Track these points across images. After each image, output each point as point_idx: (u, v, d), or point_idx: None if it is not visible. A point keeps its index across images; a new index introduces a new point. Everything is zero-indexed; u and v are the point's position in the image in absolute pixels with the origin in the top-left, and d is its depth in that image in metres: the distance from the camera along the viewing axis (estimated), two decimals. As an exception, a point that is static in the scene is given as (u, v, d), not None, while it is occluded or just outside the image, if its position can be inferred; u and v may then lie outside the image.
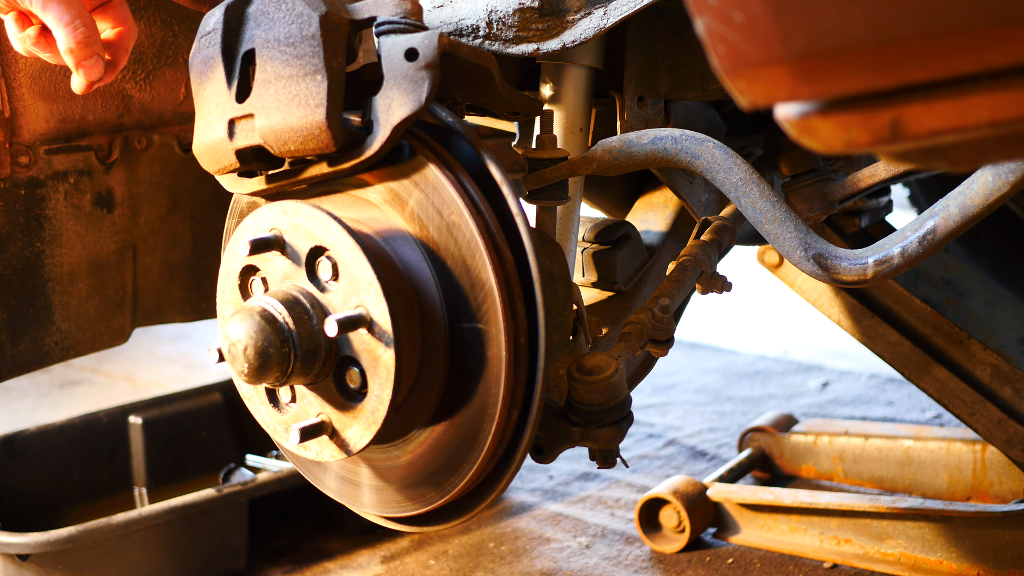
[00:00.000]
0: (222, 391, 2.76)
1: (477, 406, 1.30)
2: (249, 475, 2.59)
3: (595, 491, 2.63)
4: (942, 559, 2.08)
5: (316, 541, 2.43)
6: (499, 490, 1.36)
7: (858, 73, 0.74)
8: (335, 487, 1.50)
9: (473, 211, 1.27)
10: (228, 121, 1.33)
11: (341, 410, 1.31)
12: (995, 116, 0.74)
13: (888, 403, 3.13)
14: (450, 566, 2.28)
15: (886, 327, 2.15)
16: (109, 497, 2.63)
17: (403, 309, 1.28)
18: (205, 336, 4.27)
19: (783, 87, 0.77)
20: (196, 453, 2.70)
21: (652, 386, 3.38)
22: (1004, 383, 2.08)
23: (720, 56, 0.79)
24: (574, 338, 1.50)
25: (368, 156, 1.29)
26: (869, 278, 1.42)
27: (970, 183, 1.35)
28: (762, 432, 2.61)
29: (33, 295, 1.87)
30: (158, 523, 2.17)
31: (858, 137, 0.78)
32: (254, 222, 1.35)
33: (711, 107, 1.84)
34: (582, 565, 2.27)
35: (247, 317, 1.28)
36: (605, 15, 1.48)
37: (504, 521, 2.49)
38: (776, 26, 0.75)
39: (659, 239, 1.86)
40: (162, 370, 3.94)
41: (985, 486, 2.35)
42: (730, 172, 1.43)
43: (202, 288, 2.11)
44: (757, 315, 4.18)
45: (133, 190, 1.97)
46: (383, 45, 1.27)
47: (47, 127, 1.82)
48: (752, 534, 2.28)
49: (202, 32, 1.36)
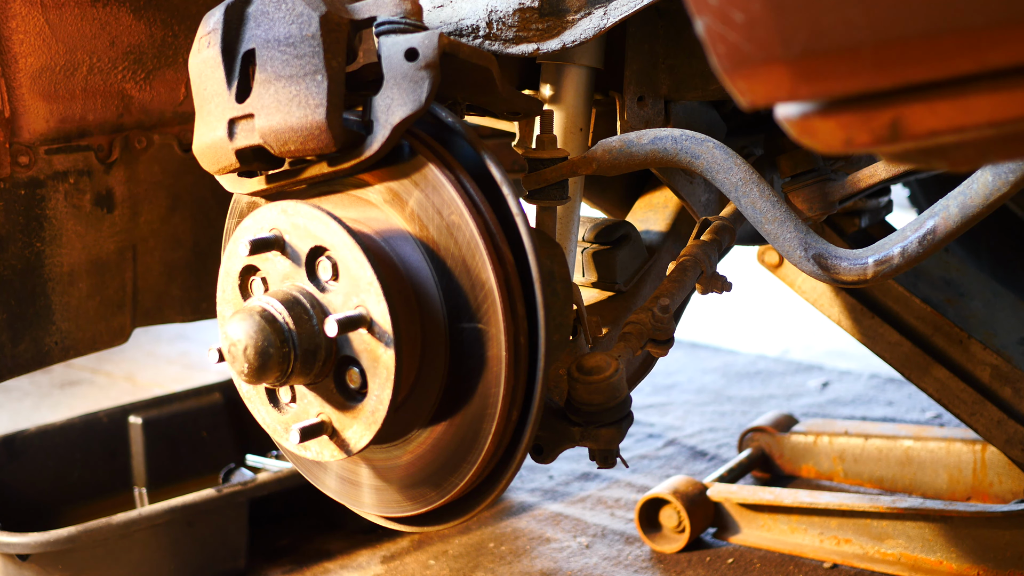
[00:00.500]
0: (222, 391, 2.76)
1: (477, 406, 1.30)
2: (249, 475, 2.59)
3: (595, 491, 2.63)
4: (942, 559, 2.08)
5: (316, 541, 2.43)
6: (499, 490, 1.36)
7: (858, 73, 0.74)
8: (335, 487, 1.50)
9: (473, 211, 1.27)
10: (228, 121, 1.33)
11: (341, 410, 1.31)
12: (995, 116, 0.74)
13: (888, 403, 3.13)
14: (450, 566, 2.28)
15: (886, 327, 2.15)
16: (109, 497, 2.63)
17: (403, 309, 1.28)
18: (205, 336, 4.27)
19: (783, 87, 0.77)
20: (196, 453, 2.69)
21: (652, 386, 3.38)
22: (1004, 383, 2.08)
23: (720, 56, 0.79)
24: (574, 338, 1.50)
25: (368, 156, 1.29)
26: (869, 278, 1.42)
27: (970, 183, 1.35)
28: (762, 432, 2.61)
29: (33, 295, 1.87)
30: (158, 523, 2.17)
31: (858, 137, 0.78)
32: (254, 222, 1.35)
33: (711, 107, 1.84)
34: (582, 565, 2.27)
35: (247, 317, 1.28)
36: (605, 15, 1.48)
37: (504, 521, 2.49)
38: (776, 26, 0.75)
39: (659, 239, 1.86)
40: (162, 370, 3.94)
41: (985, 486, 2.35)
42: (730, 172, 1.43)
43: (202, 288, 2.11)
44: (757, 315, 4.18)
45: (133, 190, 1.97)
46: (383, 45, 1.27)
47: (47, 127, 1.82)
48: (752, 534, 2.28)
49: (202, 32, 1.36)
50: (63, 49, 1.82)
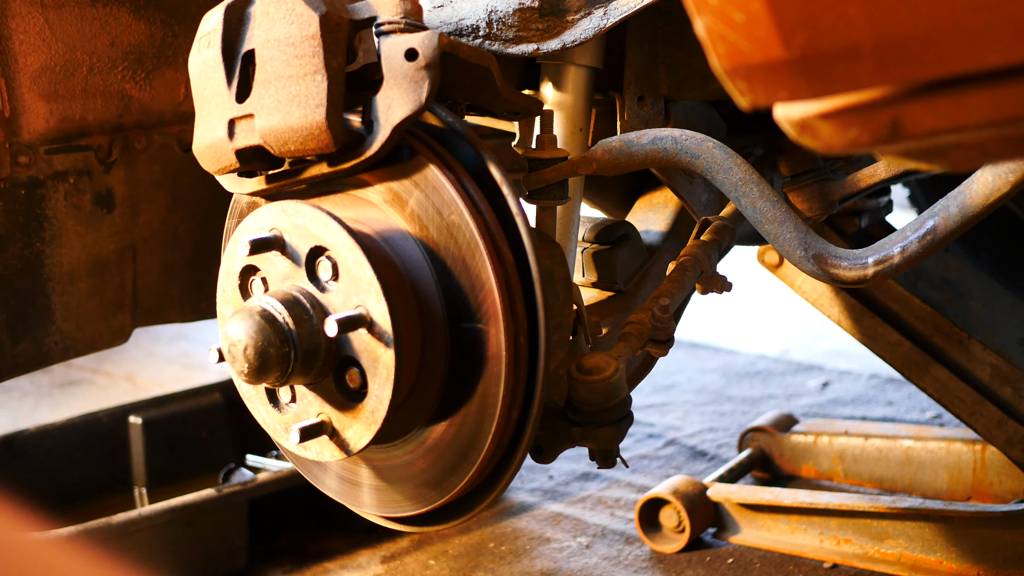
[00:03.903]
0: (222, 391, 2.76)
1: (477, 406, 1.30)
2: (249, 475, 2.58)
3: (595, 491, 2.63)
4: (942, 559, 2.08)
5: (316, 541, 2.43)
6: (499, 490, 1.36)
7: (858, 73, 0.74)
8: (335, 487, 1.50)
9: (473, 211, 1.27)
10: (228, 121, 1.33)
11: (341, 410, 1.31)
12: (995, 116, 0.74)
13: (888, 403, 3.13)
14: (450, 566, 2.28)
15: (886, 327, 2.15)
16: (109, 497, 2.63)
17: (403, 309, 1.28)
18: (205, 336, 4.27)
19: (783, 87, 0.77)
20: (196, 453, 2.69)
21: (652, 386, 3.38)
22: (1004, 383, 2.08)
23: (720, 56, 0.79)
24: (574, 338, 1.50)
25: (368, 156, 1.29)
26: (869, 278, 1.42)
27: (970, 183, 1.35)
28: (762, 432, 2.61)
29: (33, 295, 1.87)
30: (158, 523, 2.16)
31: (858, 137, 0.78)
32: (254, 222, 1.35)
33: (711, 107, 1.84)
34: (582, 565, 2.27)
35: (247, 317, 1.28)
36: (605, 15, 1.48)
37: (504, 521, 2.48)
38: (776, 26, 0.75)
39: (659, 239, 1.86)
40: (162, 370, 3.94)
41: (985, 486, 2.35)
42: (730, 172, 1.43)
43: (202, 288, 2.11)
44: (757, 315, 4.18)
45: (133, 190, 1.97)
46: (383, 45, 1.27)
47: (47, 127, 1.82)
48: (752, 534, 2.28)
49: (202, 32, 1.36)
50: (63, 49, 1.82)
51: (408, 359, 1.28)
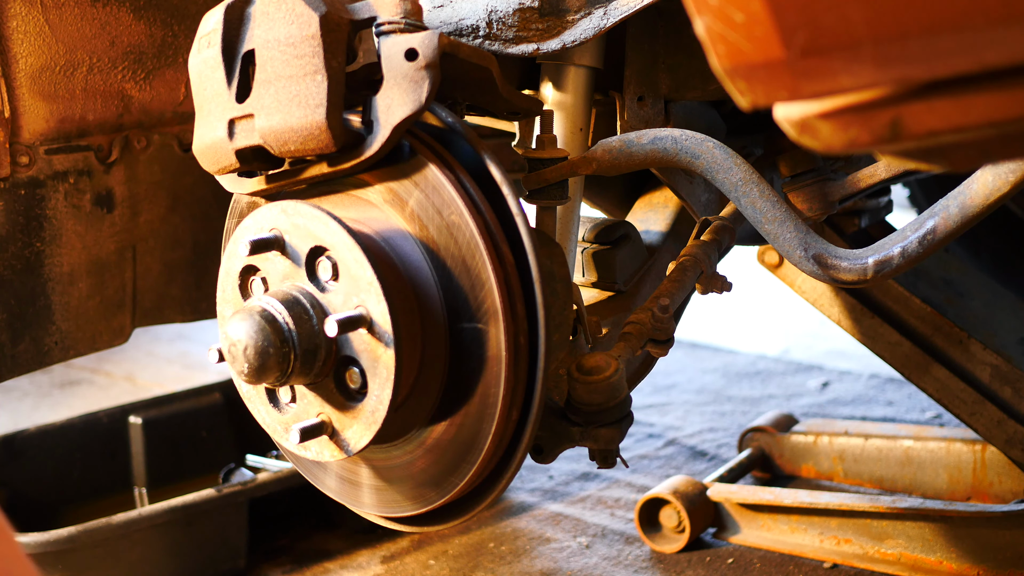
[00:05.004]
0: (222, 391, 2.76)
1: (477, 406, 1.30)
2: (249, 475, 2.58)
3: (595, 491, 2.63)
4: (942, 559, 2.08)
5: (316, 541, 2.43)
6: (499, 490, 1.36)
7: (858, 73, 0.74)
8: (335, 487, 1.50)
9: (473, 211, 1.27)
10: (228, 121, 1.33)
11: (341, 410, 1.31)
12: (995, 116, 0.74)
13: (888, 403, 3.13)
14: (450, 566, 2.28)
15: (886, 327, 2.15)
16: (109, 497, 2.63)
17: (403, 309, 1.28)
18: (205, 336, 4.27)
19: (783, 87, 0.77)
20: (196, 453, 2.69)
21: (652, 386, 3.38)
22: (1004, 383, 2.08)
23: (720, 56, 0.79)
24: (574, 338, 1.50)
25: (368, 156, 1.29)
26: (869, 278, 1.42)
27: (970, 183, 1.35)
28: (762, 432, 2.61)
29: (33, 295, 1.87)
30: (158, 523, 2.17)
31: (858, 137, 0.78)
32: (254, 222, 1.35)
33: (711, 107, 1.84)
34: (582, 565, 2.27)
35: (247, 317, 1.28)
36: (605, 15, 1.48)
37: (504, 521, 2.49)
38: (776, 26, 0.75)
39: (659, 239, 1.86)
40: (162, 370, 3.94)
41: (985, 486, 2.35)
42: (730, 172, 1.43)
43: (202, 288, 2.11)
44: (757, 315, 4.18)
45: (133, 190, 1.97)
46: (383, 45, 1.27)
47: (47, 127, 1.82)
48: (752, 534, 2.28)
49: (202, 32, 1.36)
50: (63, 49, 1.82)
51: (408, 359, 1.28)
